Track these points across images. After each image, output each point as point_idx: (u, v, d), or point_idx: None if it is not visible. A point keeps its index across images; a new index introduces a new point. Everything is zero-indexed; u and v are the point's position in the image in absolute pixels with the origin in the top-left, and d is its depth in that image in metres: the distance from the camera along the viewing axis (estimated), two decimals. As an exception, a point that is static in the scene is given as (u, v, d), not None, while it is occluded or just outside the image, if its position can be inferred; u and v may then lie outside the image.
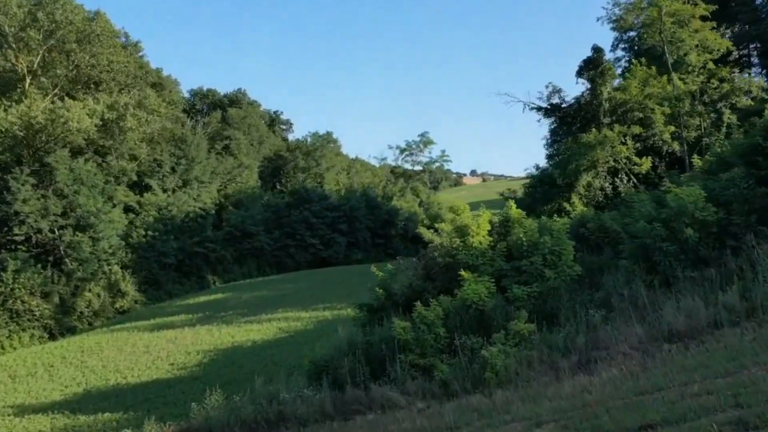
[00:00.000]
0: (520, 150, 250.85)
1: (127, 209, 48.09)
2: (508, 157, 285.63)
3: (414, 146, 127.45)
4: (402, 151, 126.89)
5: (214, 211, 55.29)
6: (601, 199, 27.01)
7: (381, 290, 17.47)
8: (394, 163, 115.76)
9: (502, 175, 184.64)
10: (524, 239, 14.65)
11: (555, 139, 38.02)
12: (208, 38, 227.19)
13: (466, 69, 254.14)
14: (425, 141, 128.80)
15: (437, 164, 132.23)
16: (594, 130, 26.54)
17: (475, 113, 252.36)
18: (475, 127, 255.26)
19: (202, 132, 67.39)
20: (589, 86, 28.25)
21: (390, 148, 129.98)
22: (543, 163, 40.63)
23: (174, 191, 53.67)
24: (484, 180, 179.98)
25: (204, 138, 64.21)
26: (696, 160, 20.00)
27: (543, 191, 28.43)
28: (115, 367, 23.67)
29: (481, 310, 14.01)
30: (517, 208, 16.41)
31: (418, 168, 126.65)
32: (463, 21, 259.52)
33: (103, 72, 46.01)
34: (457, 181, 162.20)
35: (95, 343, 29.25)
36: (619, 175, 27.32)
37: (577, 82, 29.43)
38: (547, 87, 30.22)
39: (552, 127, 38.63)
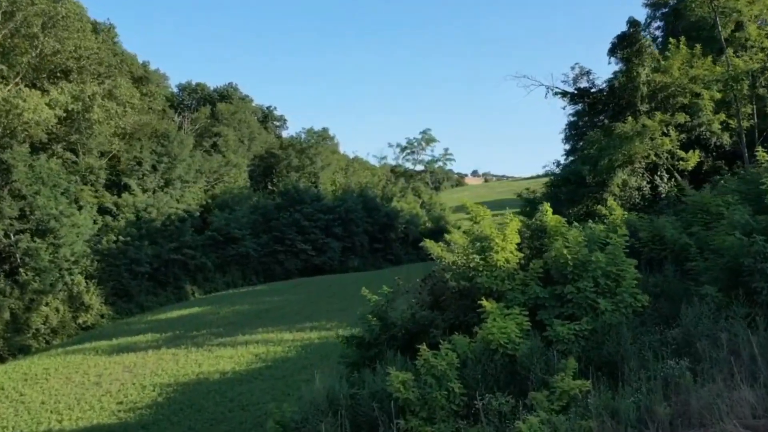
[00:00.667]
0: (524, 150, 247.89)
1: (104, 211, 45.41)
2: (511, 157, 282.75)
3: (415, 144, 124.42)
4: (403, 149, 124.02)
5: (198, 213, 52.19)
6: (638, 200, 23.38)
7: (375, 320, 13.86)
8: (394, 162, 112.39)
9: (504, 176, 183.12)
10: (569, 256, 11.01)
11: (575, 132, 34.55)
12: (199, 33, 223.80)
13: (467, 64, 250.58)
14: (427, 138, 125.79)
15: (439, 163, 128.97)
16: (630, 118, 22.95)
17: (477, 111, 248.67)
18: (476, 126, 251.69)
19: (190, 128, 64.85)
20: (623, 67, 24.61)
21: (390, 146, 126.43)
22: (558, 159, 37.18)
23: (155, 191, 50.95)
24: (486, 180, 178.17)
25: (191, 134, 61.73)
26: (761, 154, 16.30)
27: (568, 192, 24.78)
28: (55, 405, 20.10)
29: (511, 356, 10.40)
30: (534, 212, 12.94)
31: (419, 167, 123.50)
32: (464, 14, 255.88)
33: (70, 59, 42.38)
34: (459, 181, 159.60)
35: (43, 370, 25.68)
36: (659, 172, 23.71)
37: (609, 62, 25.84)
38: (573, 69, 26.63)
39: (571, 119, 35.14)
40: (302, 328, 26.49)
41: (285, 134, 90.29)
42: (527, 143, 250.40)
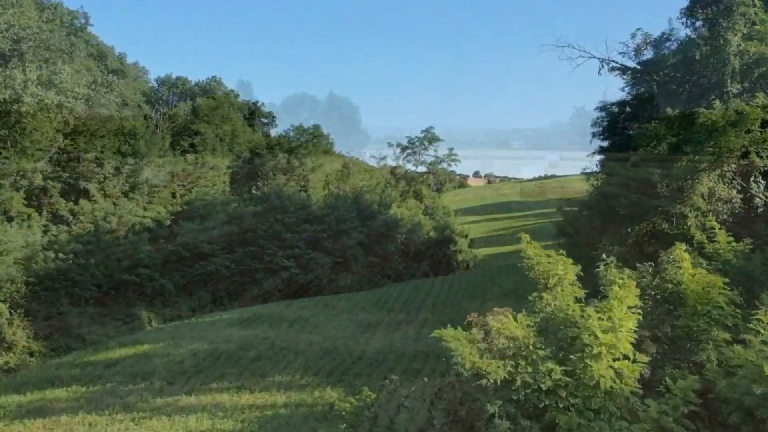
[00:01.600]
0: (523, 150, 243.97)
1: (61, 221, 40.52)
2: (513, 156, 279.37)
3: (417, 143, 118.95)
4: (404, 149, 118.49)
5: (168, 223, 46.76)
6: (725, 215, 17.57)
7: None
8: (394, 163, 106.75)
9: (506, 177, 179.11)
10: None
11: (614, 124, 28.92)
12: (192, 28, 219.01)
13: (467, 61, 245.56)
14: (430, 138, 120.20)
15: (444, 164, 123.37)
16: (717, 102, 17.21)
17: (477, 111, 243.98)
18: (476, 126, 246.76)
19: (166, 125, 60.01)
20: (703, 32, 18.77)
21: (390, 145, 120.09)
22: (586, 156, 31.67)
23: (118, 198, 46.03)
24: (489, 182, 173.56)
25: (167, 132, 56.77)
26: None
27: (630, 204, 18.83)
28: None
29: None
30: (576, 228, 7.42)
31: (421, 169, 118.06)
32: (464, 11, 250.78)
33: (4, 39, 36.64)
34: (462, 182, 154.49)
35: None
36: (753, 177, 17.93)
37: (685, 28, 19.92)
38: (633, 37, 20.75)
39: (613, 108, 29.47)
40: (266, 386, 20.69)
41: (274, 133, 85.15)
42: (527, 143, 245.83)
